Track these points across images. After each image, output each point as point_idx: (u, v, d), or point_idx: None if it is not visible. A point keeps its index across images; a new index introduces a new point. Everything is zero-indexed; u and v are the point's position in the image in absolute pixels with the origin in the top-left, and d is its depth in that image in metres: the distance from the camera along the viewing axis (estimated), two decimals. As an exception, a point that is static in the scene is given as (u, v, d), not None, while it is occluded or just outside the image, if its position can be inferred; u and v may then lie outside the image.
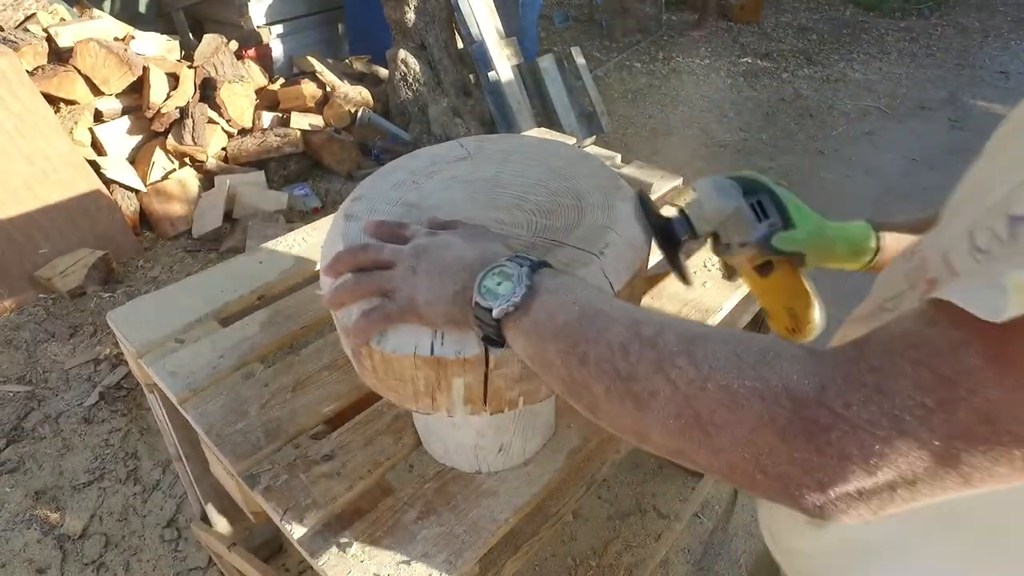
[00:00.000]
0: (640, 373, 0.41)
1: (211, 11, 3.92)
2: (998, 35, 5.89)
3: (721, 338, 0.40)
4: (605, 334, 0.44)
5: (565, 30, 5.51)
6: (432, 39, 3.35)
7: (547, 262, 0.53)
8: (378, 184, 0.79)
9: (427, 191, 0.77)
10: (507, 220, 0.72)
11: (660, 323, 0.43)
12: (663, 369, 0.40)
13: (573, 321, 0.46)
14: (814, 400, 0.35)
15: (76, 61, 2.65)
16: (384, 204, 0.75)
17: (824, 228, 0.72)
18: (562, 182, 0.78)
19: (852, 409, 0.33)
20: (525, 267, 0.50)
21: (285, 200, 2.88)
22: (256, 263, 1.14)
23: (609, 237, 0.68)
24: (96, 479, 1.80)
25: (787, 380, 0.36)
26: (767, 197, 0.70)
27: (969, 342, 0.32)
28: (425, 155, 0.84)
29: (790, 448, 0.35)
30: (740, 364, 0.38)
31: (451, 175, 0.80)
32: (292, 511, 0.76)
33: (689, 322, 0.44)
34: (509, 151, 0.84)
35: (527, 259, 0.52)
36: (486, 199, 0.75)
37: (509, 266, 0.51)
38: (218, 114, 3.02)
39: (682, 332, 0.42)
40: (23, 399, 2.02)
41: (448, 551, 0.74)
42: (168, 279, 2.56)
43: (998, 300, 0.31)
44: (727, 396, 0.37)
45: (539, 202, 0.75)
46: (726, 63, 5.03)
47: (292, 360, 0.97)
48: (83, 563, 1.61)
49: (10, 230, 2.33)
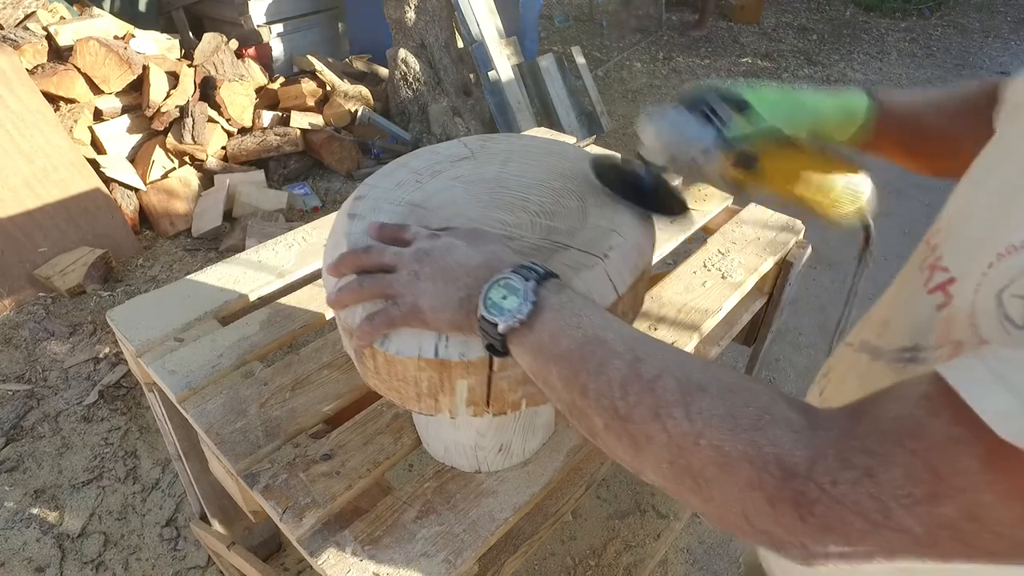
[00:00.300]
0: (637, 416, 0.42)
1: (211, 10, 3.91)
2: (998, 35, 5.89)
3: (719, 391, 0.40)
4: (606, 368, 0.44)
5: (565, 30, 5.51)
6: (432, 38, 3.35)
7: (553, 272, 0.53)
8: (381, 183, 0.79)
9: (430, 191, 0.77)
10: (511, 221, 0.71)
11: (661, 364, 0.43)
12: (659, 417, 0.41)
13: (575, 348, 0.46)
14: (803, 473, 0.35)
15: (76, 59, 2.65)
16: (387, 203, 0.75)
17: (793, 97, 0.66)
18: (565, 183, 0.77)
19: (840, 488, 0.34)
20: (531, 281, 0.50)
21: (285, 199, 2.88)
22: (256, 262, 1.14)
23: (613, 240, 0.68)
24: (95, 478, 1.80)
25: (779, 449, 0.36)
26: (716, 99, 0.66)
27: (969, 442, 0.31)
28: (427, 154, 0.84)
29: (776, 512, 0.36)
30: (734, 425, 0.38)
31: (454, 175, 0.80)
32: (291, 510, 0.76)
33: (691, 363, 0.43)
34: (511, 151, 0.84)
35: (533, 270, 0.51)
36: (489, 199, 0.75)
37: (515, 279, 0.50)
38: (218, 113, 3.01)
39: (682, 379, 0.41)
40: (22, 398, 2.02)
41: (447, 550, 0.74)
42: (168, 278, 2.56)
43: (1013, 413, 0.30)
44: (719, 455, 0.38)
45: (542, 203, 0.74)
46: (726, 63, 5.03)
47: (291, 359, 0.97)
48: (82, 562, 1.61)
49: (10, 228, 2.33)
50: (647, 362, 0.43)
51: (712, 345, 1.21)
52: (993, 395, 0.31)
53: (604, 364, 0.44)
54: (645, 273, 0.72)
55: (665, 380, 0.42)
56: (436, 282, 0.55)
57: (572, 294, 0.51)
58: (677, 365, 0.43)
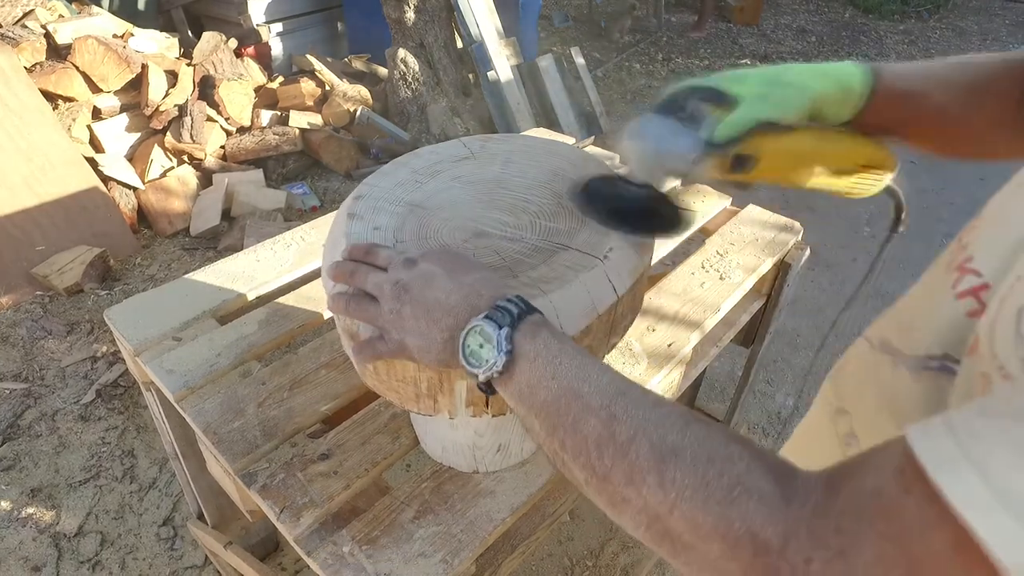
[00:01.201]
0: (613, 478, 0.42)
1: (210, 9, 3.91)
2: (996, 38, 5.91)
3: (694, 457, 0.39)
4: (581, 426, 0.44)
5: (564, 30, 5.51)
6: (431, 38, 3.35)
7: (530, 307, 0.51)
8: (381, 182, 0.79)
9: (430, 191, 0.77)
10: (511, 222, 0.71)
11: (636, 425, 0.42)
12: (634, 483, 0.40)
13: (551, 401, 0.46)
14: (776, 551, 0.35)
15: (75, 58, 2.65)
16: (387, 203, 0.75)
17: (778, 78, 0.58)
18: (565, 184, 0.77)
19: (813, 567, 0.33)
20: (505, 328, 0.49)
21: (283, 198, 2.88)
22: (254, 261, 1.14)
23: (613, 240, 0.68)
24: (92, 477, 1.80)
25: (752, 524, 0.36)
26: (691, 99, 0.59)
27: (942, 525, 0.30)
28: (428, 154, 0.84)
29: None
30: (707, 497, 0.37)
31: (454, 175, 0.80)
32: (289, 510, 0.76)
33: (668, 422, 0.42)
34: (512, 151, 0.84)
35: (507, 312, 0.50)
36: (489, 200, 0.75)
37: (489, 326, 0.49)
38: (217, 112, 3.01)
39: (656, 443, 0.41)
40: (19, 396, 2.01)
41: (445, 550, 0.74)
42: (166, 277, 2.56)
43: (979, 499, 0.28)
44: (693, 527, 0.38)
45: (542, 204, 0.74)
46: (725, 64, 5.04)
47: (289, 359, 0.97)
48: (79, 561, 1.60)
49: (8, 227, 2.33)
50: (622, 422, 0.42)
51: (710, 346, 1.22)
52: (961, 477, 0.29)
53: (579, 421, 0.44)
54: (644, 274, 0.72)
55: (639, 443, 0.41)
56: (419, 321, 0.54)
57: (548, 338, 0.49)
58: (653, 425, 0.42)
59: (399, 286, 0.55)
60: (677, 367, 1.03)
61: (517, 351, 0.48)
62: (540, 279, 0.63)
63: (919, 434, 0.32)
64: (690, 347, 1.03)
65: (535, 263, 0.66)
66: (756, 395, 2.15)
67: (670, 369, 0.99)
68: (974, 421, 0.31)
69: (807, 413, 0.78)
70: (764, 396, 2.16)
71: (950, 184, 3.50)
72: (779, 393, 2.18)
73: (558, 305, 0.61)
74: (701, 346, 1.17)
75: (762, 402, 2.14)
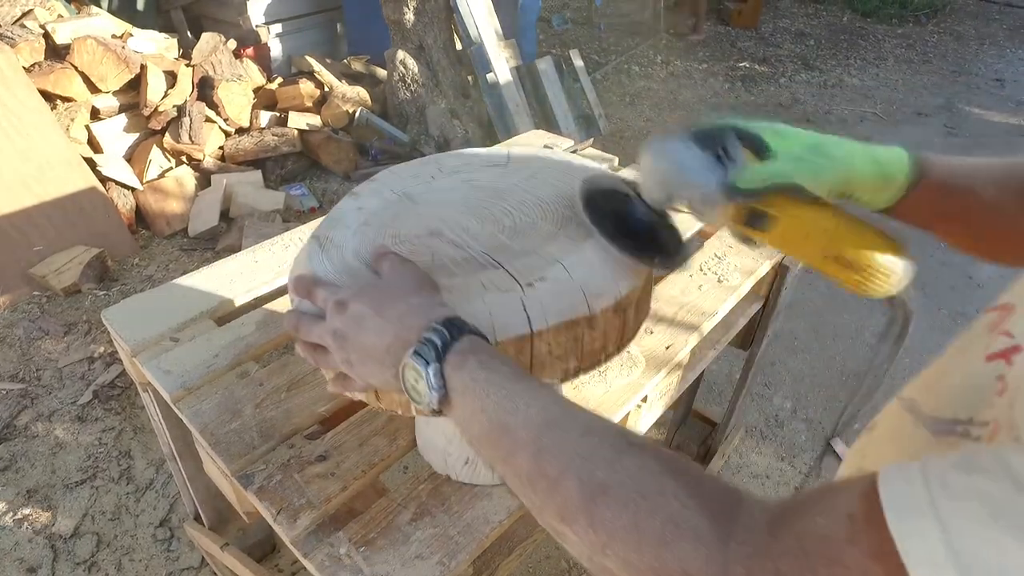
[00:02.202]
0: (547, 513, 0.41)
1: (210, 9, 3.91)
2: (994, 43, 5.93)
3: (624, 495, 0.38)
4: (512, 461, 0.43)
5: (563, 33, 5.52)
6: (431, 40, 3.36)
7: (454, 334, 0.50)
8: (402, 171, 0.81)
9: (435, 187, 0.78)
10: (472, 229, 0.70)
11: (564, 460, 0.41)
12: (566, 521, 0.40)
13: (484, 435, 0.46)
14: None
15: (73, 58, 2.64)
16: (388, 190, 0.77)
17: (822, 146, 0.55)
18: (564, 209, 0.73)
19: None
20: (432, 363, 0.48)
21: (282, 199, 2.88)
22: (252, 262, 1.14)
23: (553, 272, 0.63)
24: (89, 478, 1.79)
25: (685, 565, 0.35)
26: (731, 138, 0.56)
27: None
28: (467, 155, 0.85)
29: None
30: (639, 539, 0.36)
31: (470, 177, 0.80)
32: (286, 511, 0.76)
33: (598, 454, 0.40)
34: (540, 168, 0.82)
35: (431, 344, 0.49)
36: (476, 206, 0.74)
37: (416, 362, 0.49)
38: (216, 113, 3.01)
39: (585, 479, 0.39)
40: (16, 397, 2.01)
41: (442, 553, 0.74)
42: (164, 278, 2.55)
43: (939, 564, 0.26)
44: (627, 566, 0.37)
45: (519, 220, 0.72)
46: (724, 67, 5.05)
47: (287, 360, 0.97)
48: (75, 562, 1.60)
49: (5, 227, 2.32)
50: (550, 455, 0.41)
51: (708, 348, 1.22)
52: (921, 529, 0.27)
53: (511, 455, 0.44)
54: (587, 320, 0.64)
55: (567, 481, 0.40)
56: (368, 365, 0.54)
57: (474, 368, 0.48)
58: (581, 459, 0.40)
59: (338, 336, 0.55)
60: (675, 370, 1.03)
61: (448, 384, 0.48)
62: (448, 288, 0.61)
63: (890, 475, 0.30)
64: (688, 350, 1.03)
65: (457, 272, 0.64)
66: (754, 397, 2.15)
67: (668, 371, 0.99)
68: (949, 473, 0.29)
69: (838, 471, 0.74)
70: (762, 399, 2.16)
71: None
72: (777, 396, 2.18)
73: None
74: (699, 349, 1.17)
75: (760, 404, 2.14)
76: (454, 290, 0.61)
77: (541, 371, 0.64)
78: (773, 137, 0.55)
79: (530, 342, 0.61)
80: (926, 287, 2.71)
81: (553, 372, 0.65)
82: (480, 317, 0.58)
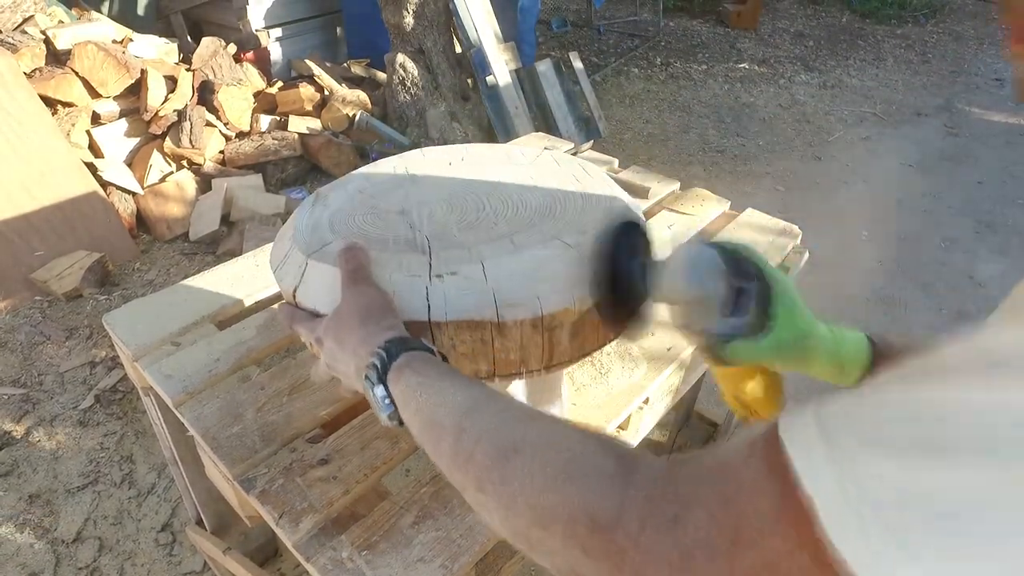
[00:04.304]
0: (469, 487, 0.43)
1: (210, 14, 3.92)
2: (993, 42, 5.93)
3: (533, 448, 0.40)
4: (440, 448, 0.46)
5: (563, 35, 5.53)
6: (430, 43, 3.36)
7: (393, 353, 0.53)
8: (432, 154, 0.89)
9: (444, 171, 0.83)
10: (436, 215, 0.73)
11: (479, 432, 0.43)
12: (483, 487, 0.41)
13: (420, 434, 0.49)
14: (611, 523, 0.34)
15: (74, 63, 2.65)
16: (399, 168, 0.84)
17: (806, 338, 0.60)
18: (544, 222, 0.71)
19: (647, 535, 0.33)
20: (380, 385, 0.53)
21: (282, 203, 2.88)
22: (253, 266, 1.14)
23: (468, 269, 0.64)
24: (91, 483, 1.79)
25: (586, 499, 0.35)
26: (755, 286, 0.58)
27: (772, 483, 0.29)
28: (500, 149, 0.90)
29: (595, 563, 0.35)
30: (544, 479, 0.37)
31: (475, 168, 0.84)
32: (288, 515, 0.76)
33: (509, 425, 0.43)
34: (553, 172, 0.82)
35: (375, 367, 0.53)
36: (450, 194, 0.77)
37: (367, 385, 0.54)
38: (216, 117, 3.02)
39: (498, 443, 0.41)
40: (18, 402, 2.01)
41: (445, 555, 0.74)
42: (164, 282, 2.55)
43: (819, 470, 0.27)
44: (535, 515, 0.38)
45: (481, 216, 0.72)
46: (723, 69, 5.05)
47: (288, 363, 0.97)
48: (77, 567, 1.60)
49: (6, 232, 2.33)
50: (468, 433, 0.44)
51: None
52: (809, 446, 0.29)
53: (439, 443, 0.46)
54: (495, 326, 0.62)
55: (482, 448, 0.42)
56: (352, 387, 0.60)
57: (409, 376, 0.52)
58: (495, 427, 0.43)
59: (327, 362, 0.63)
60: (677, 370, 1.03)
61: (395, 399, 0.53)
62: (376, 261, 0.65)
63: (788, 411, 0.32)
64: (690, 350, 1.03)
65: (390, 249, 0.67)
66: (756, 399, 2.14)
67: (670, 372, 0.99)
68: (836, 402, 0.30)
69: None
70: (764, 400, 2.15)
71: (947, 188, 3.51)
72: (779, 397, 2.18)
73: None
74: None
75: (762, 406, 2.13)
76: (377, 264, 0.65)
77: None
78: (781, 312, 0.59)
79: (430, 330, 0.63)
80: (926, 287, 2.71)
81: (463, 371, 0.64)
82: (389, 292, 0.63)
